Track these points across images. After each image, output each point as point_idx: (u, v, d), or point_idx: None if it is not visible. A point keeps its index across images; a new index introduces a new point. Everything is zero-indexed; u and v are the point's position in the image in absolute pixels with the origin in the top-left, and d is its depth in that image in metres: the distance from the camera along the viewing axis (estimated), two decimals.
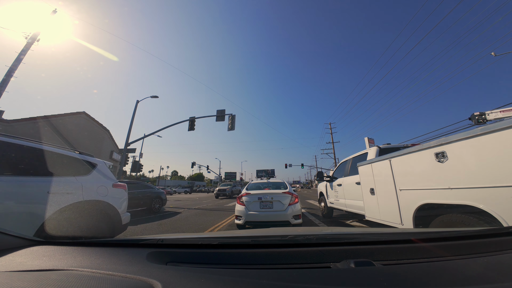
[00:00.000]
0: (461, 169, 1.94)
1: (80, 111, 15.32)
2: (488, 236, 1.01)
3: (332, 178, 5.98)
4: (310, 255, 0.88)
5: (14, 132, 11.46)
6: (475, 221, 1.82)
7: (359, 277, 0.66)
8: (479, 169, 1.80)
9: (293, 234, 1.08)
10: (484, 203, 1.75)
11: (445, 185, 2.08)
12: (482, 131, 1.74)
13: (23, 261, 0.84)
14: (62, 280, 0.65)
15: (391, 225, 2.92)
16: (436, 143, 2.17)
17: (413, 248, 0.93)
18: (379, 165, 3.25)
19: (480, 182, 1.78)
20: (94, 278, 0.68)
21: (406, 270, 0.72)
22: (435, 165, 2.19)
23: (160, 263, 0.83)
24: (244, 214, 4.51)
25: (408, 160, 2.61)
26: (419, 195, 2.41)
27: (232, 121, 14.90)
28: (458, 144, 1.97)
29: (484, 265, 0.73)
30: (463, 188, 1.93)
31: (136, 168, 17.02)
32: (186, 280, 0.65)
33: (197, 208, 10.66)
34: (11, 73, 9.56)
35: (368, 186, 3.57)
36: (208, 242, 1.02)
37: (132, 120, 16.11)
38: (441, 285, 0.61)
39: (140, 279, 0.66)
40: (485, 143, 1.75)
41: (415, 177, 2.50)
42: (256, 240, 1.07)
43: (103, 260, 0.85)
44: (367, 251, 0.91)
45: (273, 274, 0.70)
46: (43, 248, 0.99)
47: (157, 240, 1.06)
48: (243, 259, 0.90)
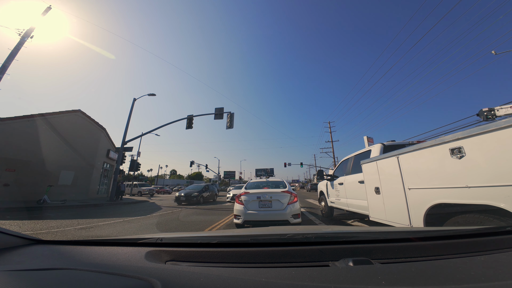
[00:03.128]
0: (481, 166, 1.77)
1: (76, 109, 15.02)
2: (486, 235, 1.02)
3: (333, 177, 5.85)
4: (309, 254, 0.88)
5: (9, 130, 11.20)
6: (496, 222, 1.68)
7: (357, 276, 0.66)
8: (501, 166, 1.63)
9: (292, 233, 1.07)
10: (505, 202, 1.59)
11: (461, 183, 1.91)
12: (507, 124, 1.57)
13: (22, 260, 0.84)
14: (61, 280, 0.66)
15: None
16: (452, 137, 1.99)
17: (412, 246, 0.93)
18: (385, 163, 3.08)
19: (502, 180, 1.62)
20: (93, 277, 0.68)
21: (404, 268, 0.71)
22: (450, 162, 2.01)
23: (159, 262, 0.83)
24: (243, 213, 4.51)
25: (419, 157, 2.43)
26: (431, 194, 2.24)
27: (230, 119, 14.75)
28: (478, 138, 1.79)
29: (482, 264, 0.72)
30: (482, 187, 1.76)
31: (134, 167, 16.82)
32: (185, 279, 0.65)
33: (195, 208, 10.56)
34: (4, 70, 9.34)
35: (373, 185, 3.41)
36: (207, 241, 1.02)
37: (129, 118, 15.89)
38: (439, 284, 0.61)
39: (139, 278, 0.66)
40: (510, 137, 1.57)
41: (426, 175, 2.32)
42: (255, 238, 1.07)
43: (102, 259, 0.85)
44: (366, 250, 0.91)
45: (272, 273, 0.70)
46: (42, 247, 1.00)
47: (156, 239, 1.05)
48: (242, 257, 0.90)
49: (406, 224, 2.58)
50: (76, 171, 14.64)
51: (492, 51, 11.80)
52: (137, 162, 17.22)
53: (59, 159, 13.42)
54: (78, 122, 15.21)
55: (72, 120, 14.71)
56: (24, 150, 11.71)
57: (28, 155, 11.88)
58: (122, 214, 8.07)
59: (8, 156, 11.27)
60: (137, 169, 17.31)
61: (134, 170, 17.29)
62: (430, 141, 2.29)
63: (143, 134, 17.11)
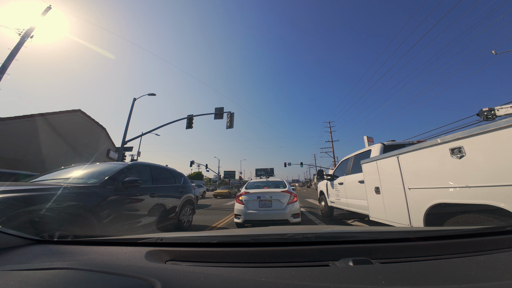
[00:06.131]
0: (481, 166, 1.77)
1: (76, 109, 15.03)
2: (486, 234, 1.02)
3: (333, 177, 5.86)
4: (309, 254, 0.88)
5: (9, 130, 11.20)
6: (496, 222, 1.68)
7: (357, 275, 0.65)
8: (501, 166, 1.63)
9: (292, 232, 1.07)
10: (505, 202, 1.59)
11: (461, 183, 1.91)
12: (507, 124, 1.57)
13: (22, 260, 0.83)
14: (61, 279, 0.66)
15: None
16: (452, 137, 1.99)
17: (411, 246, 0.93)
18: (385, 163, 3.08)
19: (502, 180, 1.62)
20: (93, 277, 0.68)
21: (404, 268, 0.71)
22: (450, 162, 2.01)
23: (159, 262, 0.83)
24: (243, 213, 4.54)
25: (419, 157, 2.43)
26: (431, 194, 2.23)
27: (230, 119, 14.74)
28: (478, 138, 1.78)
29: (481, 264, 0.72)
30: (482, 187, 1.76)
31: None
32: (185, 279, 0.65)
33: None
34: (4, 70, 9.33)
35: (372, 184, 3.41)
36: (208, 241, 1.02)
37: (129, 118, 15.86)
38: (439, 283, 0.61)
39: (139, 278, 0.65)
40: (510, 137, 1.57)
41: (426, 175, 2.32)
42: (256, 238, 1.07)
43: (102, 259, 0.85)
44: (366, 250, 0.91)
45: (272, 273, 0.70)
46: (42, 247, 1.00)
47: (156, 238, 1.05)
48: (242, 257, 0.90)
49: (406, 224, 2.58)
50: None
51: (492, 51, 11.80)
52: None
53: (59, 158, 13.43)
54: (78, 122, 15.22)
55: (72, 120, 14.72)
56: (24, 149, 11.72)
57: (28, 155, 11.89)
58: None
59: (8, 156, 11.28)
60: None
61: None
62: (430, 141, 2.28)
63: (143, 134, 17.10)
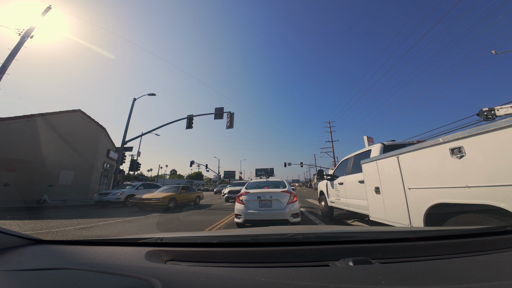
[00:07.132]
0: (481, 166, 1.77)
1: (76, 109, 15.01)
2: (486, 234, 1.02)
3: (333, 177, 5.85)
4: (309, 254, 0.88)
5: (9, 130, 11.19)
6: (496, 222, 1.68)
7: (357, 275, 0.66)
8: (501, 166, 1.63)
9: (292, 232, 1.07)
10: (505, 202, 1.59)
11: (461, 183, 1.91)
12: (507, 124, 1.57)
13: (22, 260, 0.84)
14: (61, 279, 0.66)
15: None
16: (452, 137, 1.98)
17: (411, 246, 0.93)
18: (385, 163, 3.08)
19: (502, 180, 1.62)
20: (93, 277, 0.68)
21: (404, 268, 0.71)
22: (450, 162, 2.01)
23: (159, 261, 0.83)
24: (244, 213, 4.56)
25: (419, 157, 2.42)
26: (431, 194, 2.23)
27: (231, 119, 14.73)
28: (478, 138, 1.78)
29: (481, 264, 0.72)
30: (482, 187, 1.76)
31: (134, 167, 16.82)
32: (185, 279, 0.65)
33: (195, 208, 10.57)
34: (4, 70, 9.33)
35: (372, 184, 3.40)
36: (208, 241, 1.01)
37: (129, 118, 15.86)
38: (439, 284, 0.60)
39: (139, 278, 0.65)
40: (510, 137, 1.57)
41: (426, 175, 2.32)
42: (256, 238, 1.07)
43: (102, 259, 0.85)
44: (366, 250, 0.91)
45: (272, 272, 0.70)
46: (42, 247, 0.99)
47: (156, 238, 1.05)
48: (242, 257, 0.90)
49: (406, 224, 2.58)
50: (76, 171, 14.65)
51: (492, 51, 11.79)
52: (137, 162, 17.22)
53: (59, 159, 13.43)
54: (78, 122, 15.20)
55: (72, 120, 14.70)
56: (24, 150, 11.71)
57: (28, 155, 11.88)
58: (122, 214, 8.06)
59: (8, 156, 11.27)
60: (137, 169, 17.30)
61: (134, 170, 17.28)
62: (430, 141, 2.28)
63: (143, 134, 17.09)
